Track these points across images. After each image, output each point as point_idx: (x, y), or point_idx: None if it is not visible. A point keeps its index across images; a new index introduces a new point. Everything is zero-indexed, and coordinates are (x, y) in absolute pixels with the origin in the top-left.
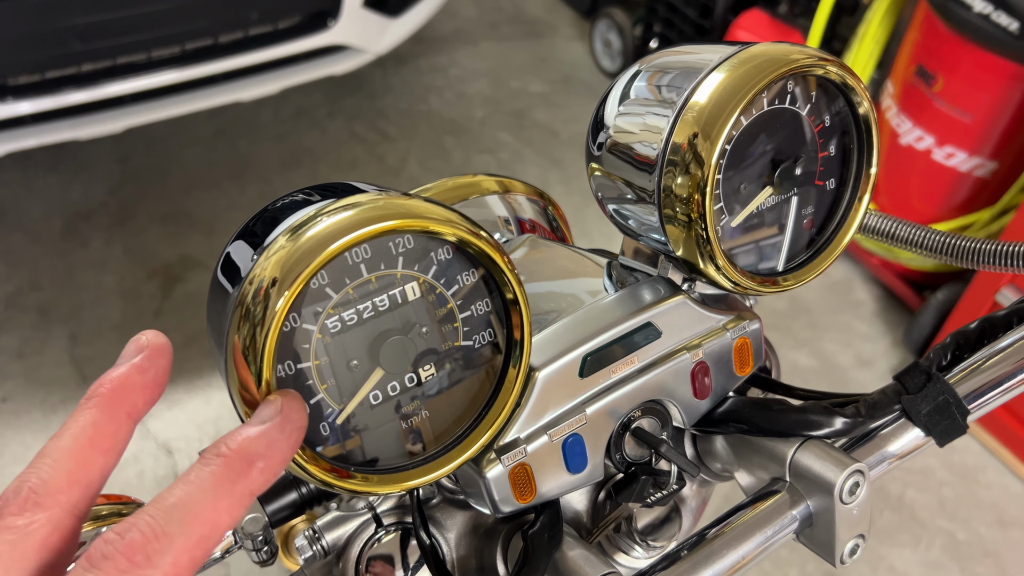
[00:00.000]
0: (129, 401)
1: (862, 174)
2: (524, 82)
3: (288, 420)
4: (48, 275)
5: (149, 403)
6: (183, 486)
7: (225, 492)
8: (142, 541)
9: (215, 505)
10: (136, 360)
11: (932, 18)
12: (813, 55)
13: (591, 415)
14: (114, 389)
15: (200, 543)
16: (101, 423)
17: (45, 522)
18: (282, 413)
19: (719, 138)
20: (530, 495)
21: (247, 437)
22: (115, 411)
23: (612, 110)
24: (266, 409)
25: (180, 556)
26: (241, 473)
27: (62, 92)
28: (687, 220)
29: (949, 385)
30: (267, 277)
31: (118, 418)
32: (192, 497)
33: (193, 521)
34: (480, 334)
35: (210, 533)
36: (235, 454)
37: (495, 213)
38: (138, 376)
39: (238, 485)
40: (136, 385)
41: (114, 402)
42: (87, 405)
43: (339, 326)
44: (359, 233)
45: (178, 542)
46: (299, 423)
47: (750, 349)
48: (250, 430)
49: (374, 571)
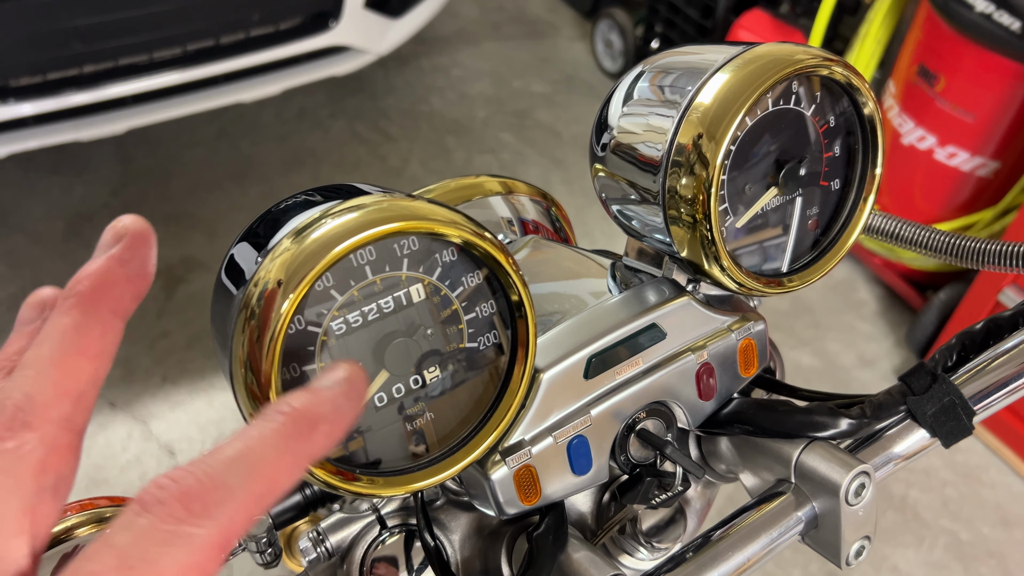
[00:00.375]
0: (112, 297)
1: (867, 175)
2: (526, 82)
3: (354, 387)
4: (51, 276)
5: (136, 298)
6: (243, 439)
7: (288, 450)
8: (199, 489)
9: (277, 462)
10: (115, 251)
11: (934, 18)
12: (818, 55)
13: (596, 417)
14: (94, 286)
15: (259, 500)
16: (84, 325)
17: (38, 443)
18: (348, 380)
19: (724, 139)
20: (535, 497)
21: (313, 398)
22: (98, 310)
23: (616, 111)
24: (333, 373)
25: (238, 511)
26: (304, 434)
27: (64, 93)
28: (692, 221)
29: (955, 386)
30: (272, 279)
31: (103, 318)
32: (253, 451)
33: (254, 475)
34: (485, 336)
35: (269, 491)
36: (299, 413)
37: (498, 214)
38: (119, 268)
39: (301, 445)
40: (118, 279)
41: (96, 300)
42: (66, 307)
43: (344, 328)
44: (365, 235)
45: (238, 495)
46: (363, 392)
47: (755, 350)
48: (318, 392)
49: (378, 573)
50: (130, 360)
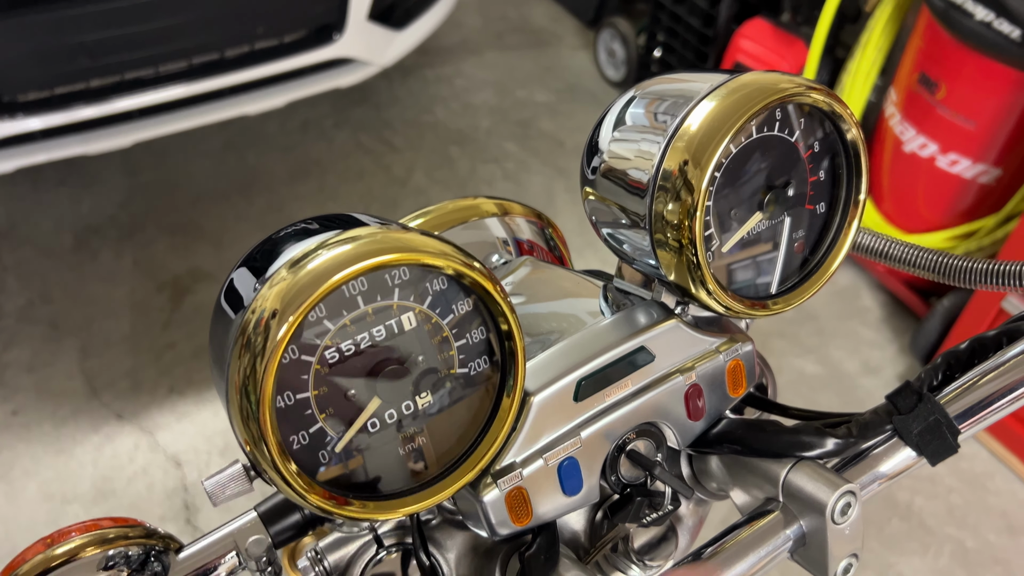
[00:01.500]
0: None
1: (851, 200)
2: (529, 92)
3: None
4: (59, 288)
5: None
6: None
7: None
8: None
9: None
10: None
11: (934, 26)
12: (801, 84)
13: (586, 439)
14: None
15: None
16: None
17: None
18: None
19: (709, 165)
20: (526, 518)
21: None
22: None
23: (607, 135)
24: None
25: None
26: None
27: (71, 108)
28: (678, 246)
29: (940, 405)
30: (268, 309)
31: None
32: None
33: None
34: (475, 361)
35: None
36: None
37: (494, 235)
38: None
39: None
40: None
41: None
42: None
43: (337, 357)
44: (355, 268)
45: None
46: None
47: (743, 371)
48: None
49: None
50: (137, 372)
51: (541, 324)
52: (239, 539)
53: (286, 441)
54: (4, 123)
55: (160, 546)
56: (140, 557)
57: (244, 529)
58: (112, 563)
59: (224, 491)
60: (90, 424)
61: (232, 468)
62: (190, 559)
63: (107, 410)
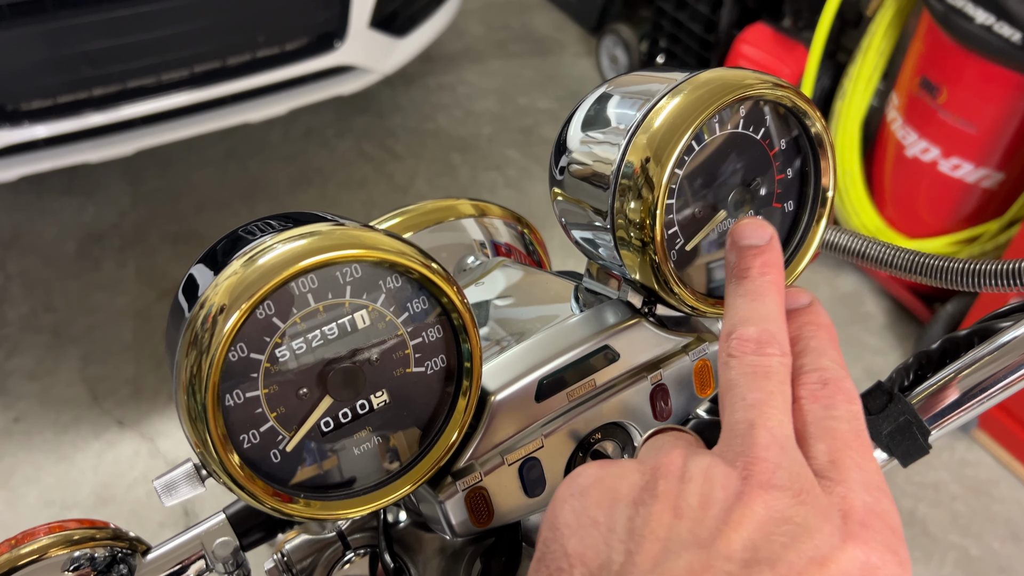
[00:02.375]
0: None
1: (819, 197)
2: (532, 99)
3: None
4: (61, 296)
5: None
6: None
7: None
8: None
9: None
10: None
11: (935, 30)
12: (766, 80)
13: (548, 439)
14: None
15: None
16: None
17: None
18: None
19: (669, 161)
20: (488, 519)
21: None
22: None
23: (574, 133)
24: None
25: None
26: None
27: (74, 116)
28: (640, 245)
29: (910, 405)
30: (216, 304)
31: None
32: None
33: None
34: (432, 360)
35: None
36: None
37: (471, 237)
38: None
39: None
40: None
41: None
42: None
43: (287, 355)
44: (301, 264)
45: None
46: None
47: (711, 371)
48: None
49: None
50: (138, 379)
51: (511, 325)
52: (206, 541)
53: (236, 440)
54: (7, 131)
55: (127, 548)
56: (106, 559)
57: (211, 531)
58: (77, 564)
59: (175, 490)
60: (91, 431)
61: (183, 467)
62: (156, 561)
63: (108, 417)
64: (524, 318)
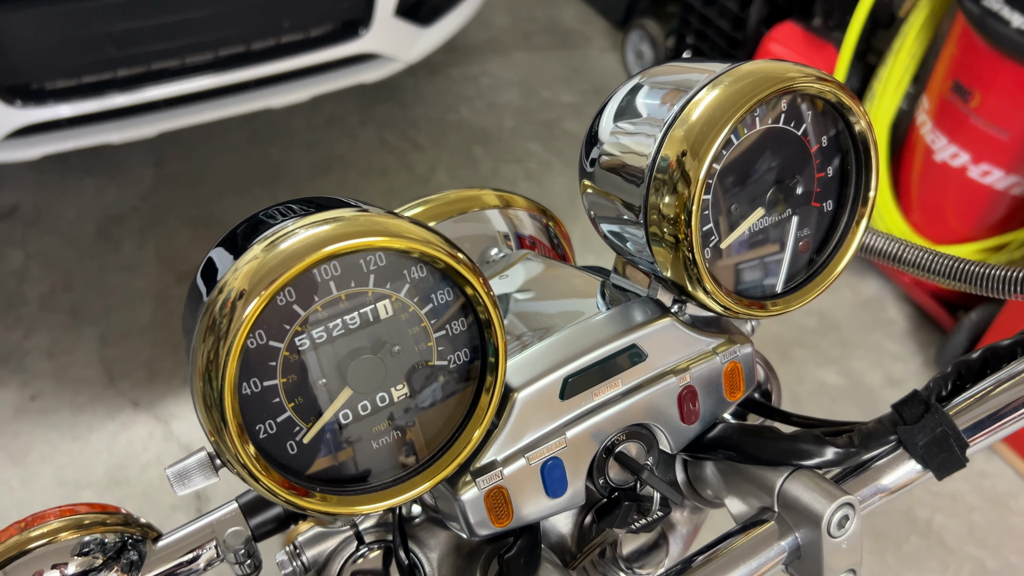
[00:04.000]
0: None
1: (860, 197)
2: (555, 92)
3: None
4: (80, 277)
5: None
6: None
7: None
8: None
9: None
10: None
11: (969, 33)
12: (810, 74)
13: (572, 439)
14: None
15: None
16: None
17: None
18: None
19: (707, 156)
20: (507, 519)
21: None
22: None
23: (607, 124)
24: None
25: None
26: None
27: (97, 96)
28: (674, 241)
29: (948, 416)
30: (236, 289)
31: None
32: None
33: None
34: (455, 354)
35: None
36: None
37: (495, 228)
38: None
39: None
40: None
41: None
42: None
43: (307, 344)
44: (325, 251)
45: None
46: None
47: (741, 374)
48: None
49: None
50: (154, 362)
51: (534, 320)
52: (218, 530)
53: (252, 430)
54: (32, 110)
55: (138, 534)
56: (116, 545)
57: (224, 520)
58: (87, 549)
59: (188, 479)
60: (106, 411)
61: (197, 455)
62: (167, 549)
63: (123, 398)
64: (548, 313)
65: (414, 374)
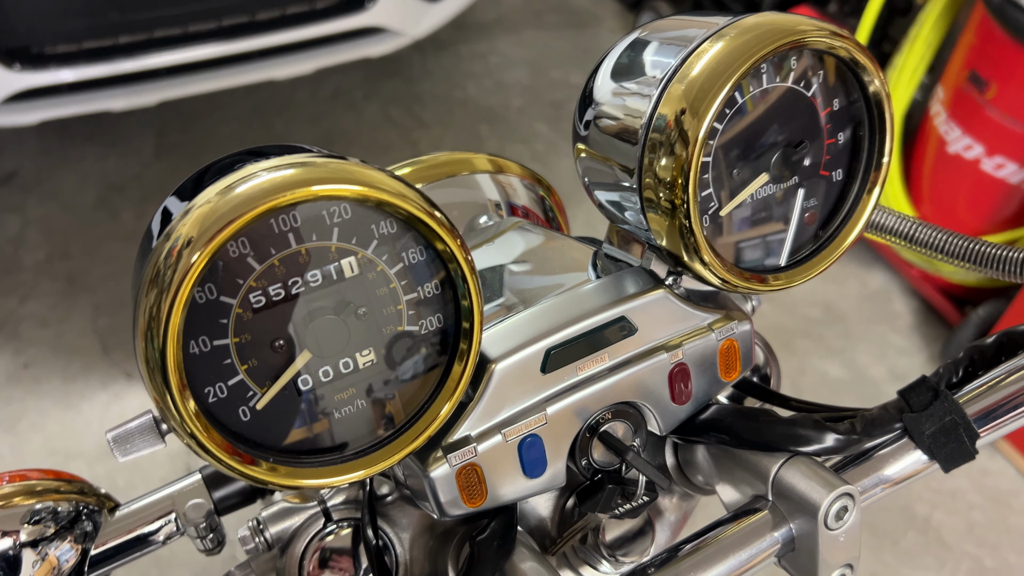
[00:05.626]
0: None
1: (872, 163)
2: (565, 72)
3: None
4: (78, 245)
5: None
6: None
7: None
8: None
9: None
10: None
11: (988, 22)
12: (823, 27)
13: (552, 415)
14: None
15: None
16: None
17: None
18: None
19: (707, 114)
20: (480, 499)
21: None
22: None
23: (602, 83)
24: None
25: None
26: None
27: (99, 62)
28: (670, 207)
29: (958, 404)
30: (184, 236)
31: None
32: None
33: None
34: (428, 319)
35: None
36: None
37: (485, 195)
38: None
39: None
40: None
41: None
42: None
43: (263, 301)
44: (279, 199)
45: None
46: None
47: (737, 353)
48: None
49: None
50: None
51: (519, 290)
52: (178, 502)
53: (200, 393)
54: (32, 74)
55: (93, 504)
56: (70, 514)
57: (185, 492)
58: (38, 517)
59: (130, 444)
60: (99, 382)
61: (141, 419)
62: (123, 520)
63: (117, 369)
64: (535, 284)
65: (382, 339)
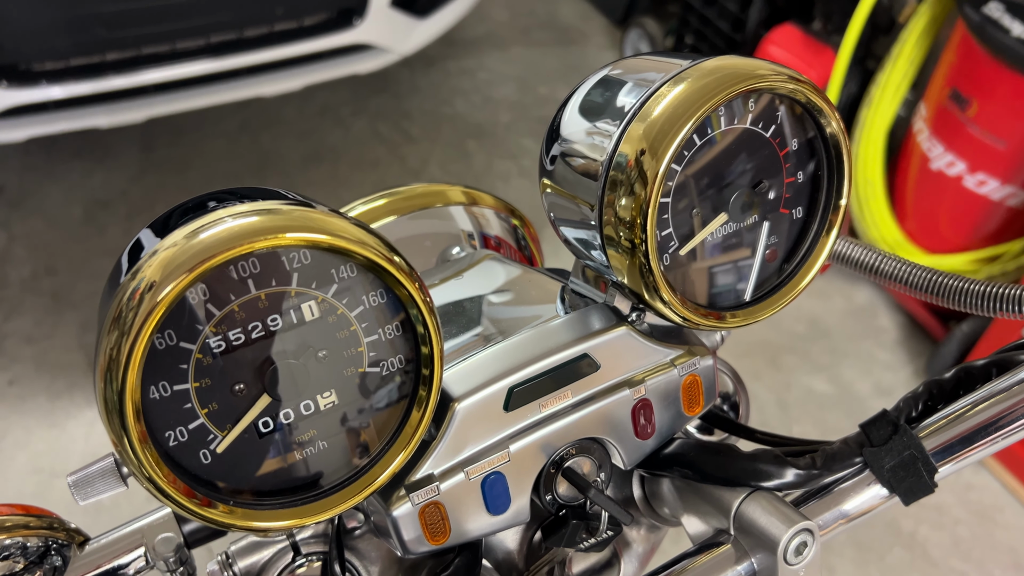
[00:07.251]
0: None
1: (831, 204)
2: (552, 88)
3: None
4: (64, 261)
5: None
6: None
7: None
8: None
9: None
10: None
11: (969, 41)
12: (781, 72)
13: (516, 452)
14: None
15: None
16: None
17: None
18: None
19: (666, 155)
20: (443, 536)
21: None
22: None
23: (569, 118)
24: None
25: None
26: None
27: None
28: (630, 246)
29: (917, 439)
30: (147, 279)
31: None
32: None
33: None
34: (389, 360)
35: None
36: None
37: (458, 226)
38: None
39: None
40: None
41: None
42: None
43: (223, 346)
44: (236, 249)
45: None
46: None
47: (700, 388)
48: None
49: None
50: None
51: (486, 325)
52: (148, 536)
53: (160, 438)
54: (19, 91)
55: (63, 539)
56: (39, 549)
57: (155, 525)
58: (7, 553)
59: (91, 488)
60: (84, 399)
61: (101, 463)
62: (93, 554)
63: None
64: (502, 318)
65: (343, 381)
